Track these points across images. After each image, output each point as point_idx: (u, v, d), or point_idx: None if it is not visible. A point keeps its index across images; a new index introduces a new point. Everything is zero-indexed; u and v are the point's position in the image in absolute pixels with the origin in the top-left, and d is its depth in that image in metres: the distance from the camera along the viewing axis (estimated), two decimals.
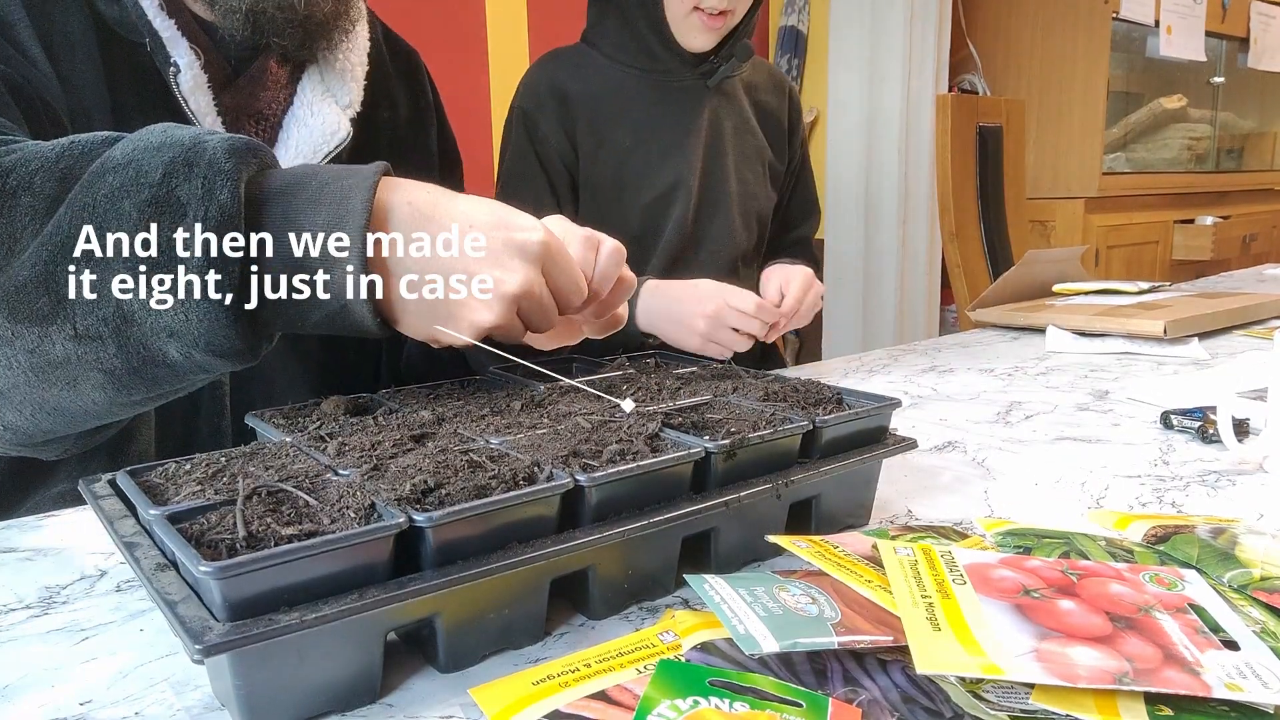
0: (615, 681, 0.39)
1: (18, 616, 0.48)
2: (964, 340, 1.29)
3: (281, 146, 0.80)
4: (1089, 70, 2.95)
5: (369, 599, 0.37)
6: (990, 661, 0.36)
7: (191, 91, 0.72)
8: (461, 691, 0.40)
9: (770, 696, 0.37)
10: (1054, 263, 1.54)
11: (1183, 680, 0.36)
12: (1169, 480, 0.68)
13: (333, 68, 0.84)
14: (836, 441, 0.55)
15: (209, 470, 0.45)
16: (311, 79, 0.83)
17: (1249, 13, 3.53)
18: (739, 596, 0.41)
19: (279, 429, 0.53)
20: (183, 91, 0.71)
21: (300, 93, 0.82)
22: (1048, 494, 0.66)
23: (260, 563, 0.35)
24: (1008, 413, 0.88)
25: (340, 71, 0.84)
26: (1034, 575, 0.44)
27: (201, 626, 0.34)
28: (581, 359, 0.74)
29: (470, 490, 0.41)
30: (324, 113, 0.82)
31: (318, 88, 0.83)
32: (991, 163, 2.43)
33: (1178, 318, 1.20)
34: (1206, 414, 0.80)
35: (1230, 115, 3.63)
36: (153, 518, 0.39)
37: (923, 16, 2.85)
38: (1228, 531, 0.53)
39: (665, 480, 0.47)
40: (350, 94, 0.84)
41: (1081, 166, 3.00)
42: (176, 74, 0.71)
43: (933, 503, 0.63)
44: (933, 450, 0.76)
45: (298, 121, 0.81)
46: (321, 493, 0.41)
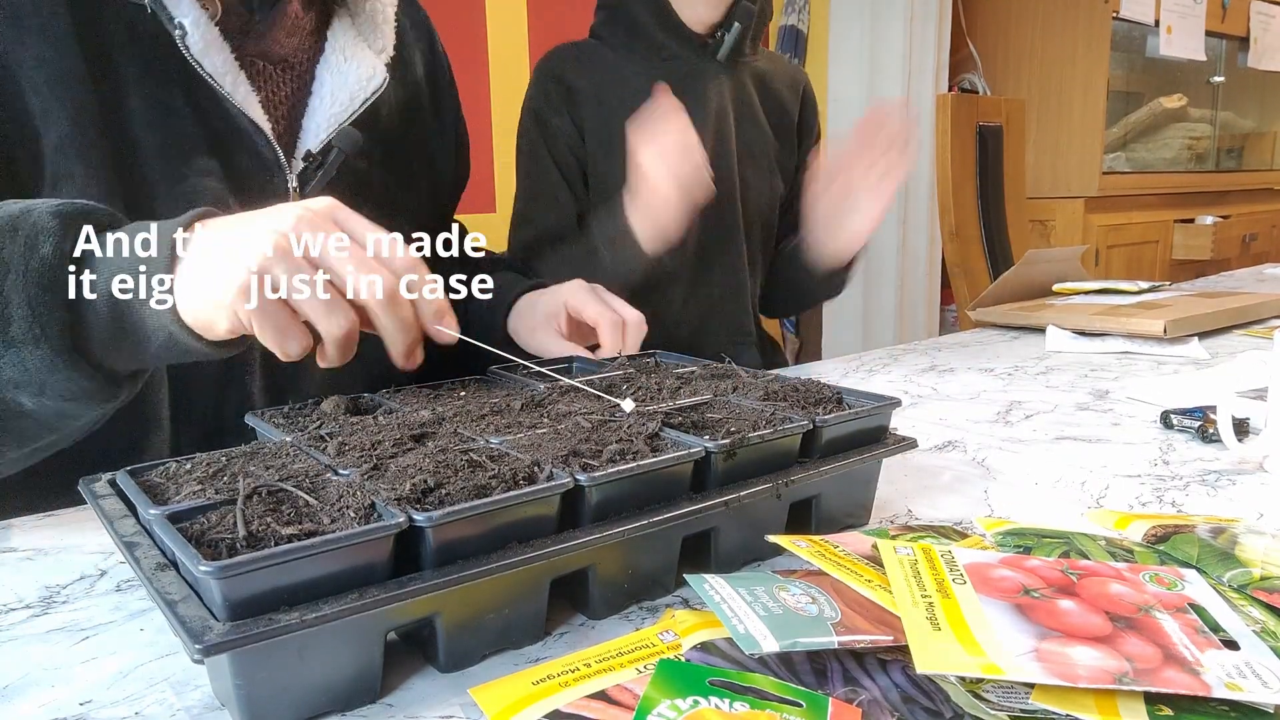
0: (615, 681, 0.39)
1: (18, 616, 0.48)
2: (964, 340, 1.29)
3: (315, 96, 0.77)
4: (1089, 70, 2.95)
5: (369, 599, 0.37)
6: (990, 661, 0.36)
7: (204, 52, 0.68)
8: (461, 691, 0.40)
9: (770, 696, 0.37)
10: (1054, 263, 1.54)
11: (1183, 680, 0.36)
12: (1169, 480, 0.68)
13: (363, 11, 0.81)
14: (836, 441, 0.55)
15: (209, 470, 0.45)
16: (343, 23, 0.80)
17: (1249, 12, 3.53)
18: (739, 596, 0.41)
19: (279, 429, 0.53)
20: (194, 53, 0.67)
21: (332, 39, 0.79)
22: (1048, 494, 0.66)
23: (260, 562, 0.35)
24: (1008, 412, 0.89)
25: (371, 14, 0.81)
26: (1034, 575, 0.44)
27: (201, 626, 0.34)
28: (582, 359, 0.74)
29: (470, 490, 0.41)
30: (359, 58, 0.78)
31: (349, 32, 0.80)
32: (991, 162, 2.42)
33: (1178, 317, 1.20)
34: (1206, 414, 0.80)
35: (1230, 115, 3.63)
36: (153, 517, 0.39)
37: (923, 16, 2.85)
38: (1228, 531, 0.53)
39: (665, 480, 0.47)
40: (383, 38, 0.82)
41: (1081, 166, 3.00)
42: (184, 36, 0.66)
43: (933, 502, 0.63)
44: (933, 450, 0.76)
45: (331, 69, 0.77)
46: (321, 492, 0.41)
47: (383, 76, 0.79)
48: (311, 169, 0.76)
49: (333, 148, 0.76)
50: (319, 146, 0.76)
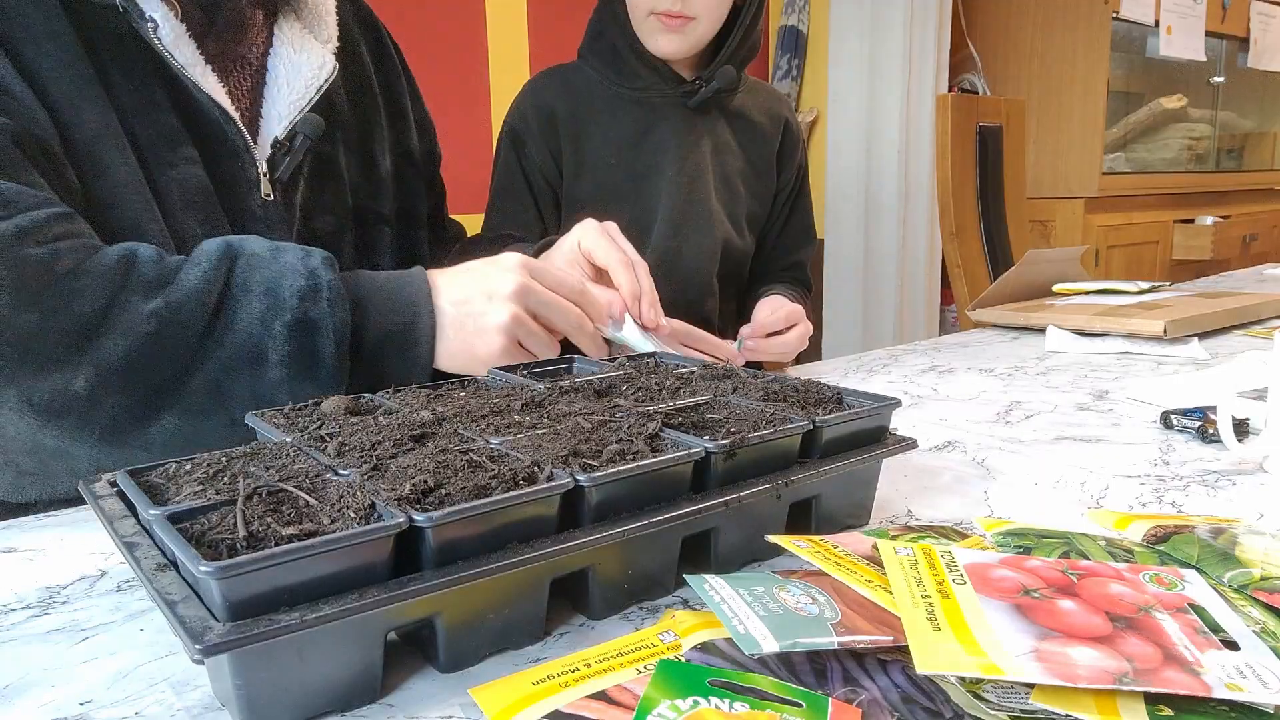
0: (615, 681, 0.39)
1: (18, 616, 0.48)
2: (964, 340, 1.29)
3: (272, 87, 0.82)
4: (1089, 70, 2.95)
5: (369, 599, 0.37)
6: (990, 661, 0.36)
7: (174, 44, 0.72)
8: (461, 691, 0.40)
9: (770, 696, 0.37)
10: (1054, 263, 1.54)
11: (1183, 680, 0.36)
12: (1169, 480, 0.68)
13: (305, 5, 0.85)
14: (836, 441, 0.55)
15: (209, 470, 0.45)
16: (288, 19, 0.84)
17: (1249, 13, 3.53)
18: (739, 596, 0.41)
19: (279, 429, 0.53)
20: (165, 45, 0.71)
21: (279, 33, 0.83)
22: (1048, 494, 0.66)
23: (260, 563, 0.35)
24: (1008, 413, 0.89)
25: (313, 8, 0.86)
26: (1034, 575, 0.44)
27: (201, 626, 0.34)
28: (581, 359, 0.74)
29: (470, 490, 0.41)
30: (308, 49, 0.83)
31: (294, 25, 0.84)
32: (991, 163, 2.43)
33: (1178, 318, 1.20)
34: (1206, 414, 0.80)
35: (1230, 115, 3.63)
36: (153, 518, 0.39)
37: (923, 16, 2.85)
38: (1228, 531, 0.53)
39: (665, 480, 0.47)
40: (327, 28, 0.86)
41: (1081, 166, 3.00)
42: (155, 29, 0.71)
43: (933, 503, 0.63)
44: (933, 450, 0.76)
45: (284, 61, 0.82)
46: (321, 493, 0.41)
47: (333, 64, 0.84)
48: (280, 155, 0.81)
49: (297, 134, 0.81)
50: (284, 133, 0.81)
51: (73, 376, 0.60)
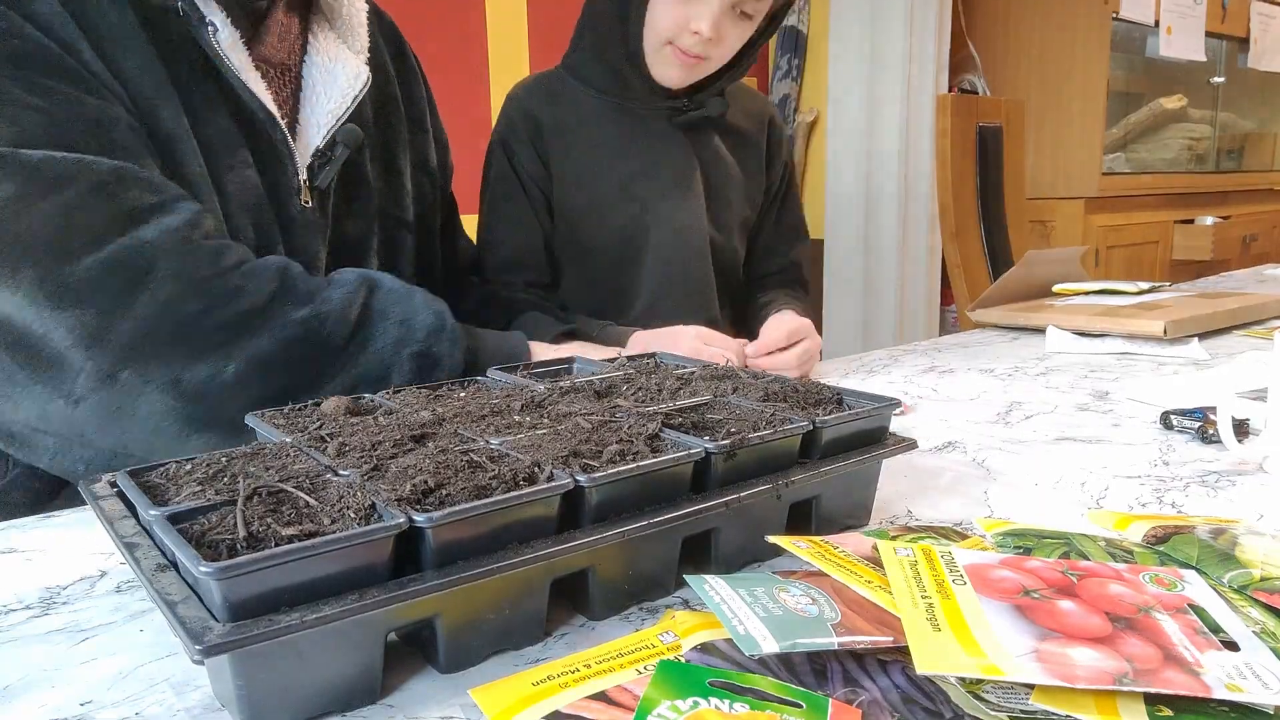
0: (615, 682, 0.39)
1: (18, 617, 0.48)
2: (964, 340, 1.29)
3: (309, 95, 0.83)
4: (1089, 70, 2.95)
5: (369, 599, 0.37)
6: (990, 662, 0.36)
7: (231, 49, 0.73)
8: (461, 692, 0.40)
9: (770, 697, 0.37)
10: (1054, 263, 1.54)
11: (1183, 681, 0.36)
12: (1169, 480, 0.68)
13: (339, 15, 0.86)
14: (836, 442, 0.55)
15: (209, 471, 0.45)
16: (322, 27, 0.85)
17: (1249, 13, 3.53)
18: (739, 597, 0.41)
19: (279, 429, 0.53)
20: (223, 49, 0.72)
21: (314, 42, 0.84)
22: (1048, 494, 0.66)
23: (260, 563, 0.35)
24: (1008, 413, 0.89)
25: (347, 19, 0.86)
26: (1034, 576, 0.44)
27: (201, 627, 0.34)
28: (582, 359, 0.74)
29: (470, 490, 0.41)
30: (344, 59, 0.84)
31: (329, 35, 0.85)
32: (991, 163, 2.42)
33: (1178, 318, 1.20)
34: (1206, 414, 0.80)
35: (1230, 115, 3.63)
36: (153, 518, 0.39)
37: (923, 16, 2.85)
38: (1228, 532, 0.53)
39: (665, 480, 0.47)
40: (360, 39, 0.87)
41: (1081, 166, 3.00)
42: (215, 32, 0.72)
43: (933, 503, 0.63)
44: (933, 451, 0.76)
45: (321, 70, 0.83)
46: (322, 493, 0.41)
47: (367, 74, 0.85)
48: (319, 164, 0.83)
49: (337, 143, 0.83)
50: (323, 142, 0.82)
51: (225, 364, 0.65)
